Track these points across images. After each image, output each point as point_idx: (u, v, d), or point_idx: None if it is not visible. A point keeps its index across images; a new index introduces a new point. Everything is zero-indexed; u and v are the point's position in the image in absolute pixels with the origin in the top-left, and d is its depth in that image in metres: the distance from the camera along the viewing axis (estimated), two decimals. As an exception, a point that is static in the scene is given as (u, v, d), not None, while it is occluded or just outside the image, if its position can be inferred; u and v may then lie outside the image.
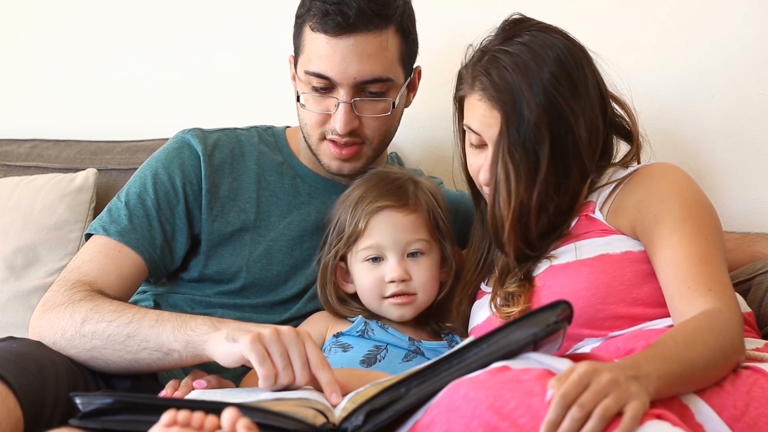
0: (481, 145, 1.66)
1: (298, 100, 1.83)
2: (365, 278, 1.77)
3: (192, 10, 2.45)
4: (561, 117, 1.60)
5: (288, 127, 1.99)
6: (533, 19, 1.69)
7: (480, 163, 1.67)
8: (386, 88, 1.80)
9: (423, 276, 1.77)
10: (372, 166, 1.86)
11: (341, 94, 1.77)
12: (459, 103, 1.72)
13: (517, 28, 1.66)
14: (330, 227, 1.81)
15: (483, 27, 1.70)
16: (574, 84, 1.62)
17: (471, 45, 1.70)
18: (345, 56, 1.75)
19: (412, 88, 1.89)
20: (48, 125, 2.51)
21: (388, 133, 1.85)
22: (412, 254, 1.77)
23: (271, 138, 1.95)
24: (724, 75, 2.04)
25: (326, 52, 1.76)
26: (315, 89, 1.79)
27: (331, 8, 1.73)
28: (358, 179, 1.82)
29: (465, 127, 1.69)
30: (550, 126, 1.60)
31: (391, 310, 1.77)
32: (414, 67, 1.87)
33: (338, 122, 1.78)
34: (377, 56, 1.76)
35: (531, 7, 1.76)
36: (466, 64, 1.70)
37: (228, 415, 1.23)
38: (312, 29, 1.77)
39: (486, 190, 1.68)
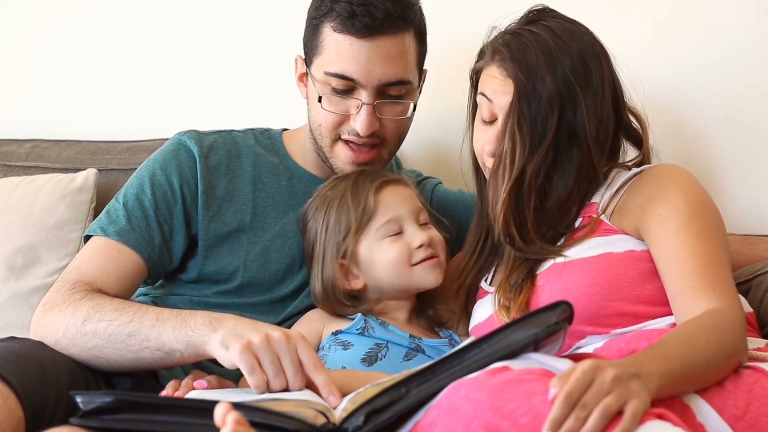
0: (491, 121, 1.67)
1: (319, 100, 1.80)
2: (390, 252, 1.77)
3: (192, 10, 2.45)
4: (573, 98, 1.62)
5: (285, 129, 1.99)
6: (561, 14, 1.71)
7: (487, 138, 1.67)
8: (405, 91, 1.80)
9: (439, 240, 1.79)
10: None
11: (364, 95, 1.77)
12: (476, 74, 1.73)
13: (542, 14, 1.69)
14: (317, 238, 1.80)
15: (486, 29, 1.70)
16: (590, 72, 1.64)
17: (495, 26, 1.71)
18: (370, 58, 1.75)
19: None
20: (48, 125, 2.51)
21: (402, 135, 1.86)
22: (423, 225, 1.79)
23: (268, 140, 1.95)
24: (724, 75, 2.04)
25: (351, 53, 1.75)
26: (335, 90, 1.79)
27: (358, 9, 1.73)
28: (321, 188, 1.83)
29: (479, 95, 1.69)
30: (561, 104, 1.61)
31: (425, 274, 1.77)
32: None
33: (360, 124, 1.78)
34: (400, 59, 1.77)
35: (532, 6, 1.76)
36: (487, 40, 1.71)
37: (220, 409, 1.24)
38: (334, 30, 1.76)
39: (489, 165, 1.68)
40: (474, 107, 1.73)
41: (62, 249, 2.19)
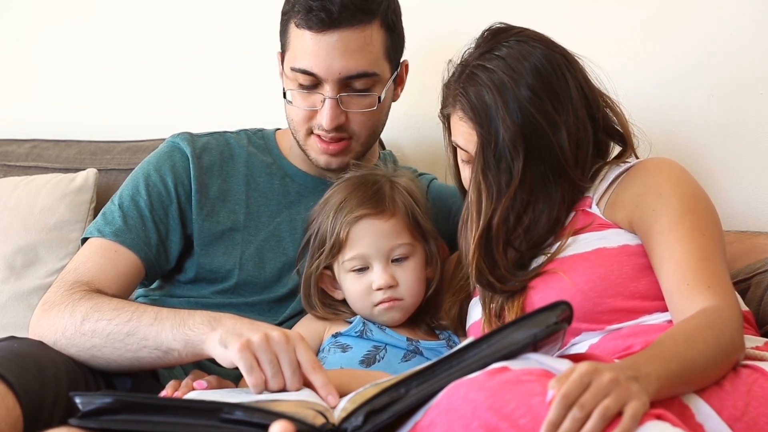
0: (471, 160, 1.66)
1: (284, 96, 1.84)
2: (353, 288, 1.77)
3: (192, 10, 2.45)
4: (538, 131, 1.60)
5: (278, 129, 1.99)
6: (514, 28, 1.68)
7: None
8: (372, 83, 1.81)
9: (409, 280, 1.77)
10: (362, 162, 1.86)
11: (327, 89, 1.78)
12: (447, 119, 1.73)
13: (495, 39, 1.66)
14: (311, 235, 1.81)
15: (483, 27, 1.70)
16: (555, 94, 1.62)
17: (451, 60, 1.71)
18: (329, 52, 1.76)
19: (399, 83, 1.90)
20: (48, 125, 2.51)
21: (375, 128, 1.86)
22: (396, 260, 1.77)
23: (261, 140, 1.96)
24: (723, 75, 2.04)
25: (311, 48, 1.77)
26: (301, 86, 1.81)
27: (314, 4, 1.75)
28: (336, 182, 1.82)
29: (453, 144, 1.70)
30: (526, 142, 1.60)
31: (382, 314, 1.77)
32: (401, 61, 1.88)
33: (324, 118, 1.79)
34: (362, 51, 1.77)
35: (532, 6, 1.75)
36: (447, 81, 1.70)
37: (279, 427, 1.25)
38: (297, 26, 1.78)
39: None
40: (453, 147, 1.73)
41: (62, 249, 2.19)
